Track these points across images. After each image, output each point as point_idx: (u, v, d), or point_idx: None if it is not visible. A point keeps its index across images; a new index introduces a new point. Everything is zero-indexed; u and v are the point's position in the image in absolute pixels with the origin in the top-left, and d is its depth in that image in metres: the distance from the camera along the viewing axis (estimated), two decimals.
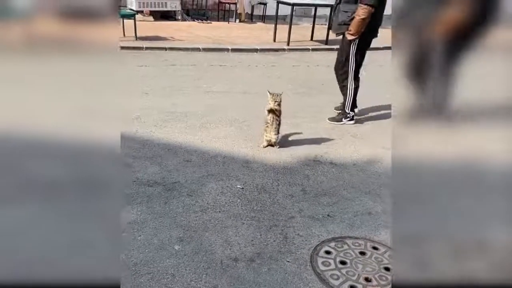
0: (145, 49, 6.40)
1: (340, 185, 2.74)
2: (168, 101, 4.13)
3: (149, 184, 2.56)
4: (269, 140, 3.22)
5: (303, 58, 6.68)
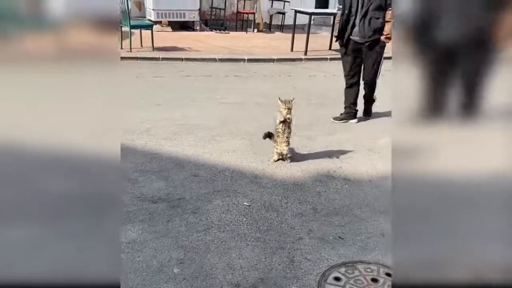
0: (161, 60, 6.42)
1: (353, 204, 2.59)
2: (180, 113, 4.08)
3: (153, 200, 2.48)
4: (280, 152, 3.10)
5: (320, 68, 6.54)
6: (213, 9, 9.42)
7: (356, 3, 3.73)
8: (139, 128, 3.61)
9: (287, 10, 9.57)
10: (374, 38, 3.73)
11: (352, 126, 4.00)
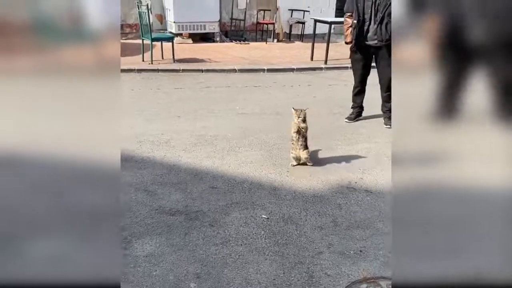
0: (181, 72, 6.50)
1: (375, 216, 2.51)
2: (199, 124, 4.10)
3: (171, 213, 2.47)
4: (297, 157, 3.17)
5: (340, 77, 6.47)
6: (233, 20, 9.51)
7: (369, 10, 3.84)
8: (158, 139, 3.64)
9: (306, 20, 9.57)
10: (390, 42, 3.83)
11: (373, 136, 3.91)
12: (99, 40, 1.50)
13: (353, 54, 4.17)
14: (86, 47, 1.51)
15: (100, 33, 1.49)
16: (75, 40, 1.50)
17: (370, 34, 3.92)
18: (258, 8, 9.57)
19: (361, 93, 4.34)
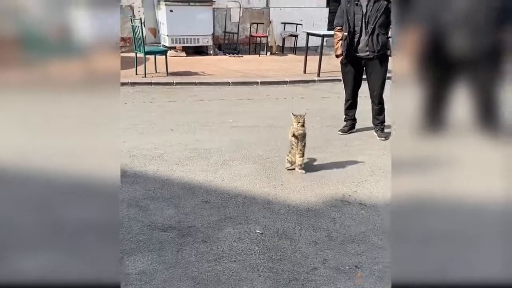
0: (175, 84, 6.50)
1: (369, 230, 2.49)
2: (192, 137, 4.08)
3: (164, 228, 2.43)
4: (292, 161, 3.27)
5: (333, 89, 6.51)
6: (227, 34, 9.58)
7: (360, 22, 3.89)
8: (151, 153, 3.61)
9: (299, 33, 9.66)
10: (382, 53, 3.94)
11: (366, 148, 3.92)
12: (88, 54, 1.49)
13: (344, 67, 4.20)
14: (74, 61, 1.50)
15: (89, 47, 1.48)
16: (64, 54, 1.49)
17: (361, 45, 3.95)
18: (251, 21, 9.66)
19: (353, 106, 4.36)
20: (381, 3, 3.80)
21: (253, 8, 9.77)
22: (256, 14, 9.83)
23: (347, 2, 3.94)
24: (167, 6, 8.39)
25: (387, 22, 3.86)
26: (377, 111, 4.21)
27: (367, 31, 3.88)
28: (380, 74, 4.06)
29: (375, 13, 3.82)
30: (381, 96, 4.15)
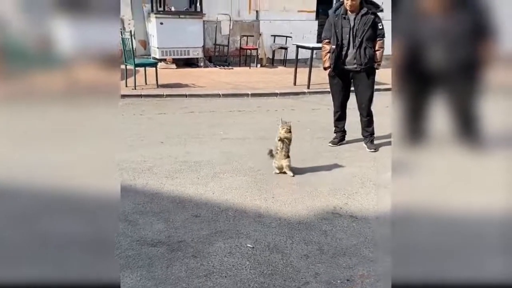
0: (165, 97, 6.48)
1: (361, 243, 2.48)
2: (182, 150, 4.05)
3: (153, 243, 2.39)
4: (280, 166, 3.43)
5: (323, 101, 6.54)
6: (217, 46, 9.63)
7: (348, 36, 3.95)
8: (140, 166, 3.57)
9: (289, 45, 9.75)
10: (369, 66, 4.00)
11: (357, 160, 3.93)
12: (73, 65, 1.48)
13: (332, 79, 4.25)
14: (58, 73, 1.49)
15: (73, 59, 1.47)
16: (46, 65, 1.48)
17: (349, 58, 4.01)
18: (241, 34, 9.73)
19: (342, 118, 4.39)
20: (368, 17, 3.87)
21: (243, 21, 9.86)
22: (246, 27, 9.92)
23: (335, 16, 4.00)
24: (157, 18, 8.42)
25: (374, 36, 3.93)
26: (366, 123, 4.25)
27: (355, 44, 3.94)
28: (367, 86, 4.12)
29: (362, 27, 3.88)
30: (369, 108, 4.19)
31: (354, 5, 3.86)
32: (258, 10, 9.90)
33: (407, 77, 1.58)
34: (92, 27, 1.48)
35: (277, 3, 9.96)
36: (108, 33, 1.46)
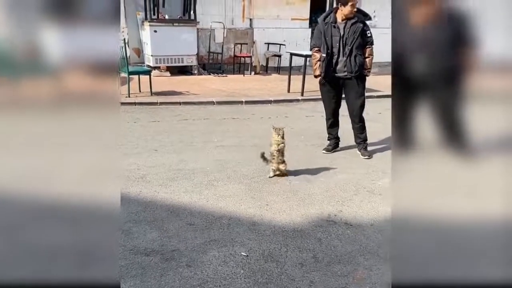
0: (159, 104, 6.47)
1: (356, 250, 2.47)
2: (176, 158, 4.03)
3: (146, 253, 2.37)
4: (276, 169, 3.53)
5: (316, 108, 6.57)
6: (211, 54, 9.66)
7: (338, 44, 3.99)
8: (134, 174, 3.55)
9: (282, 53, 9.81)
10: (359, 73, 4.05)
11: (350, 167, 3.94)
12: (60, 73, 1.47)
13: (323, 87, 4.27)
14: (44, 81, 1.48)
15: (61, 66, 1.46)
16: (35, 74, 1.47)
17: (339, 66, 4.04)
18: (235, 41, 9.78)
19: (335, 125, 4.41)
20: (358, 25, 3.92)
21: (237, 29, 9.90)
22: (240, 35, 9.96)
23: (325, 24, 4.02)
24: (151, 26, 8.43)
25: (363, 43, 3.98)
26: (358, 129, 4.27)
27: (345, 52, 3.98)
28: (358, 93, 4.16)
29: (352, 35, 3.92)
30: (361, 115, 4.23)
31: (348, 16, 3.90)
32: (252, 18, 9.96)
33: (395, 84, 1.61)
34: (87, 35, 1.47)
35: (271, 11, 10.03)
36: (105, 40, 1.45)
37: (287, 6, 10.13)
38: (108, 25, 1.47)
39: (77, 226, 1.46)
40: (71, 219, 1.47)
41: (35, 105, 1.52)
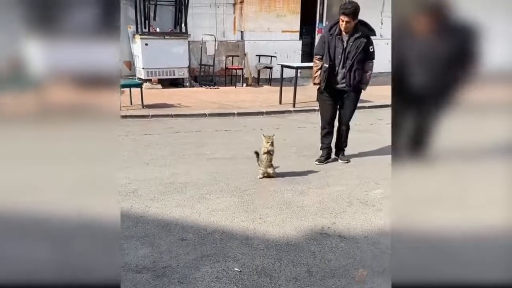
0: (151, 117, 6.44)
1: (350, 264, 2.45)
2: (168, 171, 4.00)
3: (137, 270, 2.32)
4: (264, 172, 3.83)
5: (308, 120, 6.60)
6: (202, 66, 9.68)
7: (340, 55, 4.02)
8: (125, 189, 3.50)
9: (274, 65, 9.87)
10: (357, 86, 4.13)
11: (343, 178, 3.94)
12: (42, 86, 1.46)
13: (321, 96, 4.30)
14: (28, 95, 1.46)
15: (42, 79, 1.44)
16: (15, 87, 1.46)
17: (339, 77, 4.11)
18: (227, 54, 9.82)
19: (329, 134, 4.44)
20: (361, 40, 3.94)
21: (228, 41, 9.96)
22: (231, 47, 10.01)
23: (329, 35, 4.02)
24: (142, 39, 8.44)
25: (365, 58, 4.02)
26: (344, 135, 4.43)
27: (345, 65, 4.03)
28: (352, 104, 4.27)
29: (354, 49, 3.95)
30: (348, 122, 4.38)
31: (348, 27, 3.89)
32: (243, 31, 10.03)
33: (395, 93, 1.63)
34: (73, 47, 1.46)
35: (261, 23, 10.11)
36: (98, 53, 1.44)
37: (277, 18, 10.22)
38: (98, 37, 1.45)
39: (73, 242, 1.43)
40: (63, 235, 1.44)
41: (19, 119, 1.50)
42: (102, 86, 1.49)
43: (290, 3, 10.22)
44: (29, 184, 1.48)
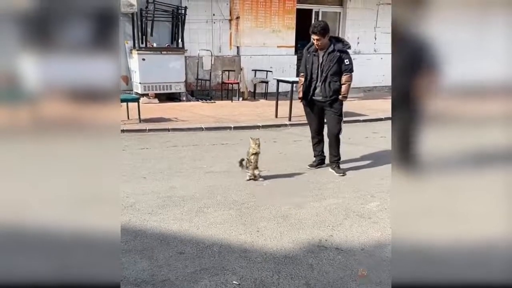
0: (148, 131, 6.47)
1: (347, 276, 2.47)
2: (166, 185, 4.02)
3: (136, 283, 2.33)
4: (251, 174, 4.13)
5: (304, 133, 6.64)
6: (199, 80, 9.77)
7: (316, 70, 4.38)
8: (123, 203, 3.51)
9: (269, 79, 9.98)
10: (334, 97, 4.36)
11: (340, 191, 3.98)
12: (36, 100, 1.49)
13: (305, 108, 4.70)
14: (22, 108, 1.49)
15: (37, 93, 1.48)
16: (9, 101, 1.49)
17: (317, 91, 4.43)
18: (223, 69, 9.93)
19: (320, 142, 4.75)
20: (335, 54, 4.26)
21: (224, 56, 10.08)
22: (227, 62, 10.13)
23: (308, 53, 4.46)
24: (139, 54, 8.53)
25: (339, 71, 4.28)
26: (334, 146, 4.53)
27: (321, 78, 4.35)
28: (333, 115, 4.46)
29: (328, 63, 4.28)
30: (336, 134, 4.51)
31: (321, 44, 4.23)
32: (239, 46, 10.17)
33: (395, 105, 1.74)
34: (69, 62, 1.50)
35: (257, 39, 10.26)
36: (101, 69, 1.48)
37: (273, 34, 10.39)
38: (97, 52, 1.50)
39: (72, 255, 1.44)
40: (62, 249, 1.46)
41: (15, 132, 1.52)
42: (101, 100, 1.53)
43: (285, 19, 10.41)
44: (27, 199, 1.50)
